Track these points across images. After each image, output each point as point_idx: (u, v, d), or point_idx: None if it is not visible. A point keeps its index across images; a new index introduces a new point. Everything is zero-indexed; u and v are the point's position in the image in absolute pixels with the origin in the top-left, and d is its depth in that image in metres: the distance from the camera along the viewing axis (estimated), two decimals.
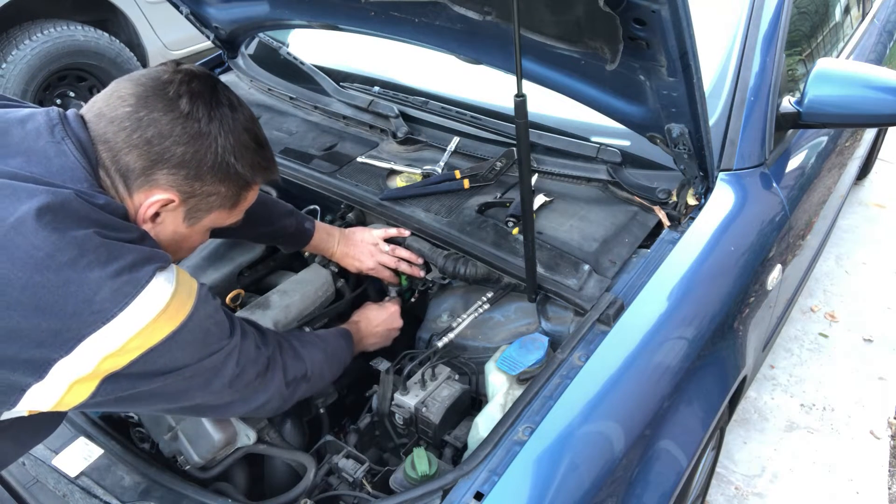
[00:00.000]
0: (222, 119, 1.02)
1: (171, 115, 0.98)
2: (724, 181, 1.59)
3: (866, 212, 3.73)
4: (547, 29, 1.22)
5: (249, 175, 1.08)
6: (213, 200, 1.06)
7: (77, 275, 0.85)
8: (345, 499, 1.27)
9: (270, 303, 1.56)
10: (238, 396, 1.09)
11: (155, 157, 0.98)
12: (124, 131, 0.97)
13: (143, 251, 0.92)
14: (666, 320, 1.35)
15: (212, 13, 2.02)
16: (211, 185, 1.04)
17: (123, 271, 0.88)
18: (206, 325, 0.99)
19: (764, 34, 1.75)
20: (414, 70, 2.06)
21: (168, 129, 0.98)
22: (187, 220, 1.07)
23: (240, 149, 1.04)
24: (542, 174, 1.70)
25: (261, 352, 1.13)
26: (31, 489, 1.26)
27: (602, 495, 1.13)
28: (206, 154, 1.01)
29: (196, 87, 1.01)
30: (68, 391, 0.87)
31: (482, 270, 1.53)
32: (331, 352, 1.36)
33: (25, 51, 3.70)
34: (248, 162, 1.07)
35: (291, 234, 1.57)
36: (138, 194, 1.00)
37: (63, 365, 0.85)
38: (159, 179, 0.99)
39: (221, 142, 1.02)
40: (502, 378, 1.34)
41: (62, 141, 0.95)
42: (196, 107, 1.00)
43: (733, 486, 2.28)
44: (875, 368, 2.75)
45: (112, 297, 0.86)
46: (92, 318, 0.85)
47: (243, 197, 1.11)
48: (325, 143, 1.93)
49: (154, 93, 0.99)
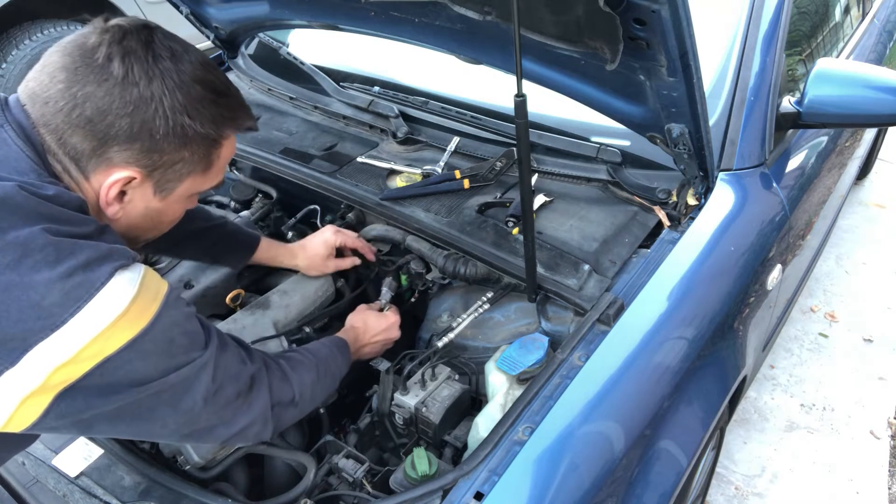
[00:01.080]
0: (164, 75, 0.89)
1: (107, 85, 0.86)
2: (724, 181, 1.59)
3: (866, 212, 3.73)
4: (547, 29, 1.22)
5: (213, 131, 0.95)
6: (180, 167, 0.95)
7: (20, 278, 0.76)
8: (345, 499, 1.27)
9: (270, 303, 1.56)
10: (217, 419, 0.96)
11: (101, 136, 0.87)
12: (62, 112, 0.86)
13: (98, 248, 0.82)
14: (666, 320, 1.35)
15: (212, 13, 2.02)
16: (172, 152, 0.92)
17: (76, 271, 0.79)
18: (172, 333, 0.87)
19: (764, 34, 1.75)
20: (414, 70, 2.06)
21: (106, 102, 0.86)
22: (158, 194, 0.96)
23: (193, 105, 0.91)
24: (542, 174, 1.70)
25: (244, 368, 1.01)
26: (31, 489, 1.25)
27: (602, 495, 1.13)
28: (155, 120, 0.89)
29: (128, 45, 0.88)
30: (18, 408, 0.78)
31: (482, 270, 1.53)
32: (323, 370, 1.24)
33: (25, 51, 3.71)
34: (208, 117, 0.94)
35: (226, 238, 1.50)
36: (95, 176, 0.90)
37: (8, 378, 0.76)
38: (113, 158, 0.89)
39: (168, 102, 0.89)
40: (502, 378, 1.34)
41: (1, 128, 0.87)
42: (130, 68, 0.87)
43: (733, 486, 2.28)
44: (875, 368, 2.75)
45: (62, 301, 0.77)
46: (39, 325, 0.76)
47: (216, 156, 0.99)
48: (325, 143, 1.93)
49: (83, 62, 0.87)
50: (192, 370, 0.89)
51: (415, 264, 1.67)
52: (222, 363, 0.95)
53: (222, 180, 1.07)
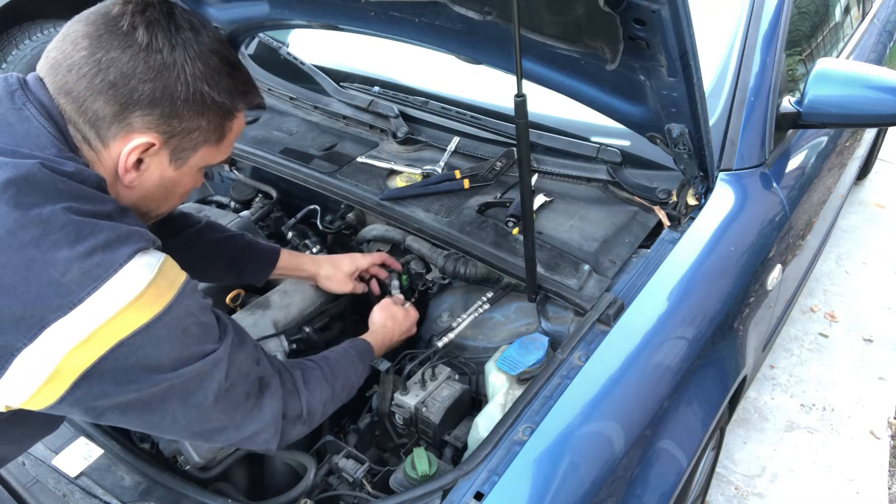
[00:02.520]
0: (186, 44, 0.92)
1: (131, 51, 0.89)
2: (724, 181, 1.59)
3: (866, 212, 3.73)
4: (547, 29, 1.22)
5: (228, 102, 0.98)
6: (196, 136, 0.97)
7: (41, 255, 0.77)
8: (345, 499, 1.27)
9: (270, 303, 1.56)
10: (227, 419, 0.96)
11: (124, 100, 0.89)
12: (85, 78, 0.88)
13: (119, 229, 0.83)
14: (666, 320, 1.35)
15: (212, 13, 2.02)
16: (190, 119, 0.95)
17: (95, 251, 0.80)
18: (186, 322, 0.87)
19: (764, 34, 1.75)
20: (414, 70, 2.06)
21: (130, 66, 0.88)
22: (174, 163, 0.98)
23: (211, 74, 0.95)
24: (542, 174, 1.70)
25: (257, 369, 1.01)
26: (31, 489, 1.25)
27: (602, 495, 1.13)
28: (177, 86, 0.91)
29: (151, 15, 0.91)
30: (39, 388, 0.79)
31: (482, 270, 1.53)
32: (340, 386, 1.21)
33: (25, 51, 3.71)
34: (224, 88, 0.97)
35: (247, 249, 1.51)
36: (115, 143, 0.92)
37: (27, 354, 0.77)
38: (134, 123, 0.91)
39: (190, 69, 0.92)
40: (502, 378, 1.34)
41: (23, 107, 0.88)
42: (154, 36, 0.90)
43: (733, 486, 2.28)
44: (875, 368, 2.75)
45: (80, 280, 0.78)
46: (57, 303, 0.77)
47: (228, 128, 1.02)
48: (325, 143, 1.93)
49: (107, 29, 0.89)
50: (206, 365, 0.90)
51: (415, 264, 1.67)
52: (236, 361, 0.96)
53: (230, 156, 1.08)
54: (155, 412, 0.88)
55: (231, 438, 1.00)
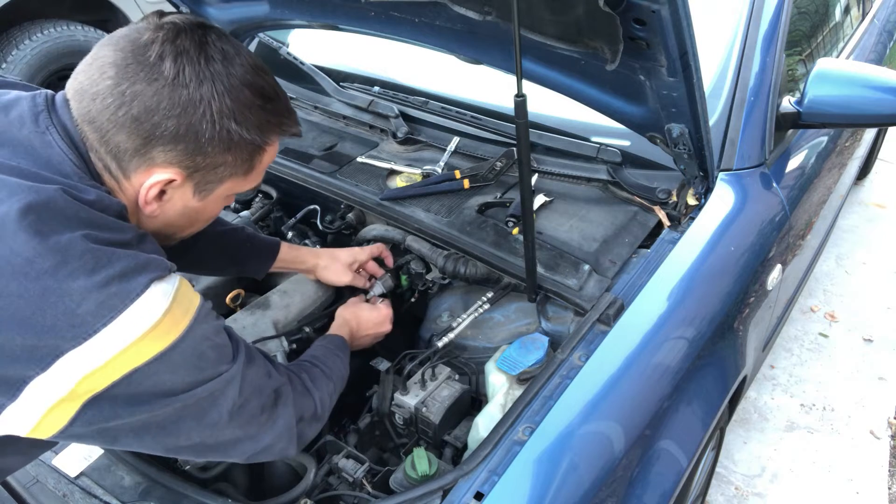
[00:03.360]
0: (214, 78, 0.89)
1: (156, 85, 0.86)
2: (724, 181, 1.59)
3: (866, 212, 3.73)
4: (547, 29, 1.22)
5: (259, 138, 0.95)
6: (221, 171, 0.95)
7: (58, 284, 0.76)
8: (345, 499, 1.27)
9: (270, 303, 1.56)
10: (242, 433, 0.95)
11: (146, 135, 0.87)
12: (108, 109, 0.86)
13: (136, 258, 0.83)
14: (666, 320, 1.35)
15: (212, 13, 2.02)
16: (215, 156, 0.92)
17: (112, 281, 0.79)
18: (202, 347, 0.87)
19: (764, 34, 1.75)
20: (414, 70, 2.06)
21: (154, 101, 0.86)
22: (198, 194, 0.96)
23: (241, 110, 0.91)
24: (542, 174, 1.70)
25: (269, 382, 1.00)
26: (31, 489, 1.25)
27: (602, 495, 1.13)
28: (202, 124, 0.88)
29: (182, 45, 0.88)
30: (46, 415, 0.78)
31: (482, 270, 1.53)
32: (337, 378, 1.24)
33: (25, 51, 3.70)
34: (255, 123, 0.93)
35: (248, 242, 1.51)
36: (136, 175, 0.90)
37: (38, 384, 0.76)
38: (156, 157, 0.89)
39: (217, 106, 0.89)
40: (502, 378, 1.34)
41: (46, 131, 0.87)
42: (182, 69, 0.87)
43: (733, 486, 2.28)
44: (875, 368, 2.75)
45: (96, 311, 0.77)
46: (72, 333, 0.76)
47: (258, 161, 0.99)
48: (325, 143, 1.93)
49: (134, 59, 0.86)
50: (219, 384, 0.89)
51: (415, 264, 1.67)
52: (249, 377, 0.95)
53: (260, 182, 1.05)
54: (170, 434, 0.88)
55: (247, 451, 0.99)
